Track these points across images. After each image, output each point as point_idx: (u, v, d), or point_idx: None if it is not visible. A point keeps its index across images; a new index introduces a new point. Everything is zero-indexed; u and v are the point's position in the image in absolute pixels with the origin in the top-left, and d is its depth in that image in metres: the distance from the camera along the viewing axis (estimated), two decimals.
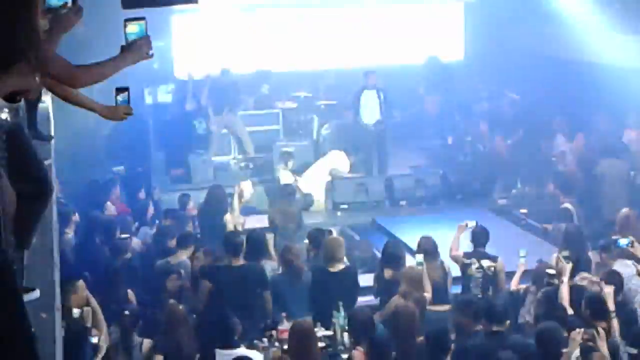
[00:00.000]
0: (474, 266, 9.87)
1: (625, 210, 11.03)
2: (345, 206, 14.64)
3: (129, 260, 10.41)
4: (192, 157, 16.13)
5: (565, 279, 8.83)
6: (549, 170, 14.18)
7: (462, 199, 14.95)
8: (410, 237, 11.63)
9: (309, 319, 8.44)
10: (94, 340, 8.04)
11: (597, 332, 7.70)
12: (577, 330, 7.57)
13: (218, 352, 8.11)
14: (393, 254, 9.89)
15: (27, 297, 4.38)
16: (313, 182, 14.62)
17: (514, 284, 9.90)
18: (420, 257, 9.62)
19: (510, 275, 10.06)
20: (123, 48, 4.28)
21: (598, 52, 14.62)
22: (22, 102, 4.24)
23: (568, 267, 8.91)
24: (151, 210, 12.68)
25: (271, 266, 10.12)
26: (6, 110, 4.06)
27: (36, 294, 4.58)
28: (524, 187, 14.63)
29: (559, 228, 11.48)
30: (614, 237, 10.04)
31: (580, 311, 8.38)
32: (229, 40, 17.55)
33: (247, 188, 12.24)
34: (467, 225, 10.26)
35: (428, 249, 9.93)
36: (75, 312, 7.90)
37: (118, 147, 15.03)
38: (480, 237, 10.14)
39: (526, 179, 14.70)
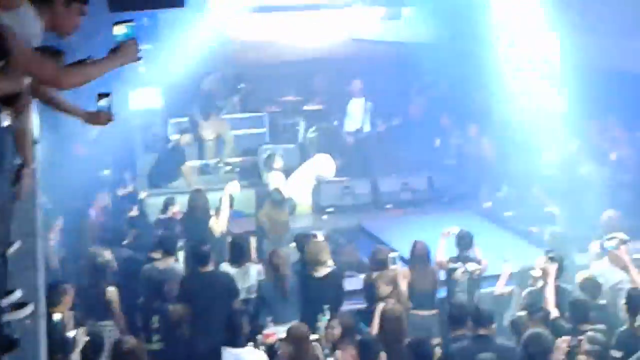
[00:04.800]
0: (460, 270, 9.90)
1: (608, 211, 11.10)
2: (331, 209, 14.65)
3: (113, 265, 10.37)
4: (178, 160, 16.08)
5: (551, 279, 8.87)
6: (535, 173, 14.19)
7: (448, 202, 14.96)
8: (396, 240, 11.65)
9: (303, 324, 8.44)
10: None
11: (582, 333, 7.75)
12: (563, 337, 7.61)
13: (225, 350, 8.15)
14: (379, 259, 9.90)
15: (7, 300, 4.37)
16: (298, 186, 14.61)
17: (499, 287, 9.94)
18: (394, 255, 9.70)
19: (495, 278, 10.09)
20: (111, 50, 4.27)
21: (592, 56, 14.62)
22: None
23: (553, 267, 8.95)
24: (135, 212, 12.66)
25: (257, 270, 10.12)
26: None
27: (17, 294, 4.56)
28: (509, 190, 14.65)
29: (543, 231, 11.53)
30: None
31: (564, 314, 8.42)
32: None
33: (235, 190, 12.22)
34: (449, 233, 10.29)
35: (420, 254, 9.97)
36: (56, 316, 7.87)
37: (104, 151, 14.97)
38: (465, 241, 10.19)
39: (511, 181, 14.71)
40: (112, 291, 9.62)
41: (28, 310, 4.57)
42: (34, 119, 7.23)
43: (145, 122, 16.56)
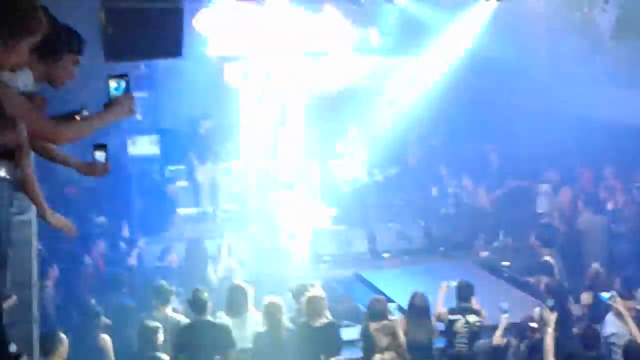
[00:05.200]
0: (460, 322, 9.83)
1: (595, 265, 11.18)
2: (328, 258, 14.61)
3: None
4: (175, 207, 16.07)
5: (550, 329, 8.82)
6: (532, 222, 14.21)
7: (445, 251, 14.94)
8: (394, 290, 11.60)
9: None
10: None
11: None
12: None
13: None
14: (378, 309, 9.85)
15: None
16: (295, 234, 14.58)
17: (497, 338, 9.87)
18: (393, 306, 9.66)
19: (492, 328, 10.03)
20: (106, 105, 4.26)
21: (587, 105, 14.72)
22: None
23: (553, 317, 8.90)
24: (134, 260, 12.64)
25: (254, 319, 10.05)
26: None
27: (12, 348, 4.52)
28: (506, 239, 14.65)
29: (539, 280, 11.50)
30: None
31: None
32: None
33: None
34: (447, 287, 10.25)
35: (420, 305, 9.92)
36: None
37: (100, 198, 14.96)
38: (465, 292, 10.14)
39: (508, 231, 14.71)
40: (105, 339, 9.56)
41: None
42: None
43: (142, 170, 16.57)
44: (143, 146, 17.43)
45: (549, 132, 15.81)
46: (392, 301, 10.96)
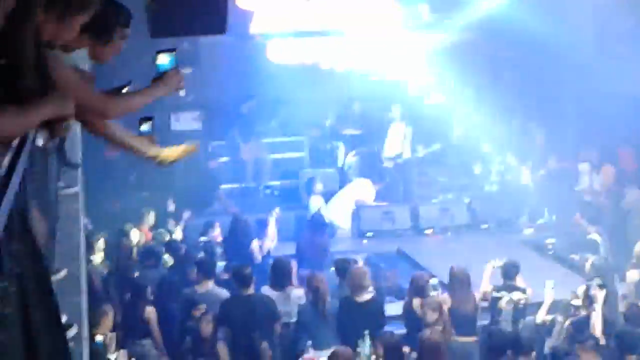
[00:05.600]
0: (505, 299, 9.78)
1: None
2: (371, 234, 14.62)
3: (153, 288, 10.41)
4: (218, 182, 16.13)
5: (599, 306, 8.75)
6: (577, 200, 14.09)
7: (488, 228, 14.88)
8: (436, 266, 11.58)
9: (347, 348, 8.38)
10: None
11: None
12: None
13: None
14: (421, 285, 9.84)
15: None
16: (338, 210, 14.61)
17: (541, 316, 9.81)
18: (435, 281, 9.65)
19: (536, 306, 9.98)
20: (154, 79, 4.27)
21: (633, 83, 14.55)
22: None
23: (602, 294, 8.83)
24: (179, 234, 12.76)
25: (298, 294, 10.09)
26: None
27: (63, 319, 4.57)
28: (550, 216, 14.54)
29: (585, 259, 11.41)
30: None
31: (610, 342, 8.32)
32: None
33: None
34: (494, 266, 10.19)
35: (460, 279, 9.88)
36: (99, 338, 7.89)
37: (144, 174, 15.05)
38: (510, 270, 10.07)
39: (553, 209, 14.60)
40: (150, 311, 9.67)
41: (71, 332, 4.57)
42: (76, 143, 7.30)
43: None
44: (186, 122, 17.50)
45: (593, 110, 15.64)
46: (435, 277, 10.95)
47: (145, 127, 4.65)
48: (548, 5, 14.39)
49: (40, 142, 3.99)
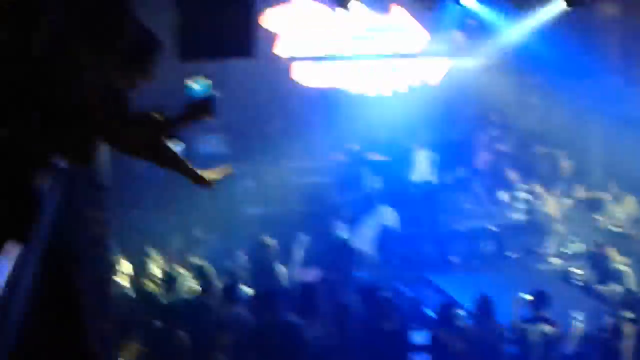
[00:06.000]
0: (534, 332, 9.67)
1: None
2: (396, 261, 14.52)
3: None
4: (242, 205, 16.08)
5: (629, 342, 8.64)
6: (604, 230, 13.97)
7: (516, 257, 14.75)
8: (462, 295, 11.47)
9: None
10: None
11: None
12: None
13: None
14: (447, 314, 9.76)
15: None
16: (364, 236, 14.54)
17: (570, 348, 9.69)
18: (461, 310, 9.60)
19: (566, 338, 9.86)
20: (186, 106, 4.27)
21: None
22: None
23: (633, 329, 8.72)
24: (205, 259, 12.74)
25: (322, 320, 10.02)
26: None
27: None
28: (578, 246, 14.41)
29: (613, 290, 11.30)
30: None
31: None
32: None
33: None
34: (523, 299, 10.08)
35: (486, 308, 9.80)
36: None
37: (171, 199, 15.04)
38: (541, 302, 9.96)
39: (581, 239, 14.48)
40: (179, 337, 9.64)
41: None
42: (104, 164, 7.25)
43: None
44: (211, 144, 17.49)
45: (620, 138, 15.54)
46: (461, 306, 10.86)
47: (175, 148, 4.63)
48: (575, 31, 14.34)
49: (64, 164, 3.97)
